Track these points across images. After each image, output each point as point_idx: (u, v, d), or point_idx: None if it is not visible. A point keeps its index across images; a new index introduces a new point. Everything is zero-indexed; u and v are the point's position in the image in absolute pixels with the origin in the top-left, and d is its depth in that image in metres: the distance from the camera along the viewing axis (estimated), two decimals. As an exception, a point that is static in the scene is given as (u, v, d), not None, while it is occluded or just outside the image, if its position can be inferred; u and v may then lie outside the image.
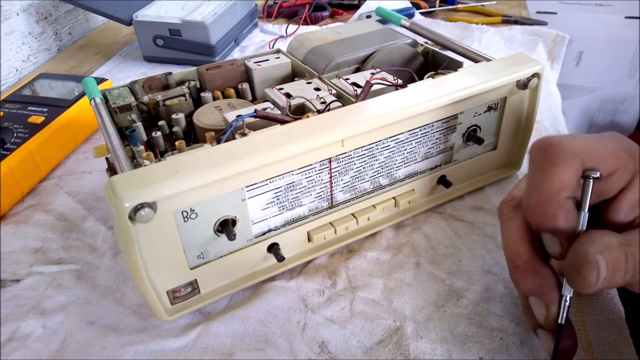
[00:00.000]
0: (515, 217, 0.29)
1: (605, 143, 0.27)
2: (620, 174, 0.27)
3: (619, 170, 0.27)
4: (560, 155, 0.26)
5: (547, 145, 0.27)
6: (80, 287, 0.36)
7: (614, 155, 0.27)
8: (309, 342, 0.31)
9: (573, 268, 0.24)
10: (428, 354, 0.30)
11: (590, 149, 0.26)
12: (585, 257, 0.24)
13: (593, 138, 0.27)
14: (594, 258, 0.24)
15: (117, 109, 0.37)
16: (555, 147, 0.27)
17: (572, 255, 0.25)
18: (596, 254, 0.24)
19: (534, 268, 0.27)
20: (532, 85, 0.37)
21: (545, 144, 0.27)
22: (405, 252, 0.37)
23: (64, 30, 0.78)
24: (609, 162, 0.27)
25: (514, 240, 0.28)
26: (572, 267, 0.24)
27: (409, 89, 0.35)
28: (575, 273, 0.24)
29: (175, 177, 0.27)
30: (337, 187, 0.35)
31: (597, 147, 0.27)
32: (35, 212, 0.43)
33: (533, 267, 0.27)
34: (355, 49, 0.42)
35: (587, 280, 0.24)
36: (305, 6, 0.78)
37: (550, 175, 0.26)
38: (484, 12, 0.80)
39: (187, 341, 0.31)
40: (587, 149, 0.26)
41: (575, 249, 0.25)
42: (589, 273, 0.24)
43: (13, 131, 0.46)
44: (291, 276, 0.36)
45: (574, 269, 0.24)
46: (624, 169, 0.27)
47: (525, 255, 0.28)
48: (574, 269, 0.24)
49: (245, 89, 0.41)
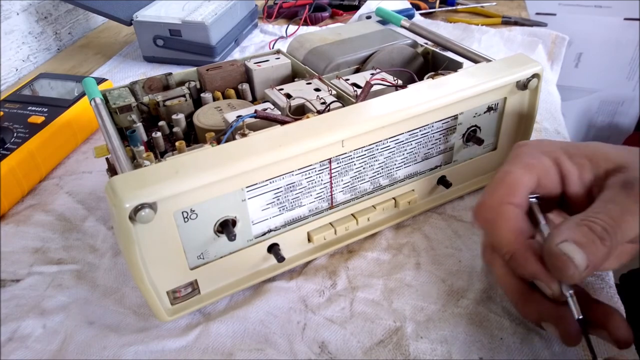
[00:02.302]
0: (495, 255, 0.30)
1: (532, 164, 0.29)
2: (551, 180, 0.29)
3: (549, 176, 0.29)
4: (493, 215, 0.28)
5: (477, 210, 0.29)
6: (80, 287, 0.36)
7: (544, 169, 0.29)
8: (309, 343, 0.31)
9: (551, 267, 0.25)
10: (428, 354, 0.30)
11: (519, 183, 0.28)
12: (550, 251, 0.25)
13: (522, 166, 0.29)
14: (557, 249, 0.24)
15: (117, 109, 0.37)
16: (484, 210, 0.29)
17: (545, 256, 0.25)
18: (559, 245, 0.24)
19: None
20: (532, 85, 0.37)
21: (481, 208, 0.29)
22: (405, 252, 0.37)
23: (64, 30, 0.78)
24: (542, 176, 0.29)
25: (509, 277, 0.29)
26: (550, 267, 0.25)
27: (409, 89, 0.35)
28: (555, 271, 0.25)
29: (176, 178, 0.27)
30: (337, 188, 0.35)
31: (525, 179, 0.29)
32: (35, 212, 0.43)
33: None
34: (355, 50, 0.42)
35: (566, 270, 0.24)
36: (305, 7, 0.78)
37: (500, 231, 0.28)
38: (484, 13, 0.80)
39: (187, 341, 0.31)
40: (516, 184, 0.28)
41: (544, 250, 0.25)
42: (563, 264, 0.24)
43: (13, 131, 0.46)
44: (291, 276, 0.36)
45: (552, 268, 0.25)
46: (547, 175, 0.29)
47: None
48: (552, 268, 0.25)
49: (246, 90, 0.41)
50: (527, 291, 0.28)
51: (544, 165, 0.29)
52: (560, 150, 0.29)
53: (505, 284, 0.29)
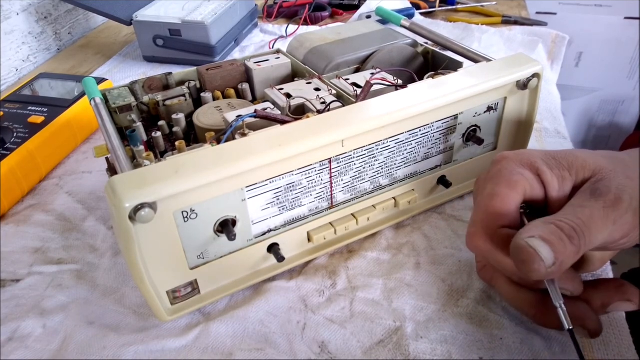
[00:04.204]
0: (497, 274, 0.31)
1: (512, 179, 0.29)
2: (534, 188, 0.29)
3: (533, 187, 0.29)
4: (489, 246, 0.28)
5: (471, 240, 0.29)
6: (80, 287, 0.36)
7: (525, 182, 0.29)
8: (309, 342, 0.31)
9: (517, 261, 0.25)
10: (428, 354, 0.30)
11: (501, 205, 0.28)
12: (516, 245, 0.25)
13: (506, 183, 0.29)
14: (523, 242, 0.24)
15: (117, 109, 0.37)
16: (477, 240, 0.28)
17: (511, 251, 0.25)
18: (526, 239, 0.24)
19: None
20: (532, 85, 0.37)
21: (474, 236, 0.29)
22: (405, 252, 0.37)
23: (64, 30, 0.78)
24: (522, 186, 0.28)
25: (519, 292, 0.30)
26: (516, 261, 0.25)
27: (409, 89, 0.35)
28: (521, 265, 0.25)
29: (176, 178, 0.27)
30: (337, 188, 0.35)
31: (506, 197, 0.28)
32: (35, 212, 0.43)
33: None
34: (355, 50, 0.42)
35: (531, 264, 0.24)
36: (305, 6, 0.78)
37: (500, 258, 0.27)
38: (484, 12, 0.80)
39: (187, 341, 0.31)
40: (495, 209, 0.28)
41: (511, 246, 0.25)
42: (529, 256, 0.24)
43: (13, 131, 0.46)
44: (291, 276, 0.36)
45: (518, 262, 0.25)
46: (532, 188, 0.29)
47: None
48: (518, 262, 0.25)
49: (246, 89, 0.41)
50: (541, 300, 0.28)
51: (528, 179, 0.28)
52: (541, 161, 0.29)
53: (516, 299, 0.30)
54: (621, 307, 0.28)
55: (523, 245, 0.24)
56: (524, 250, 0.24)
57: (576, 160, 0.28)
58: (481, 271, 0.33)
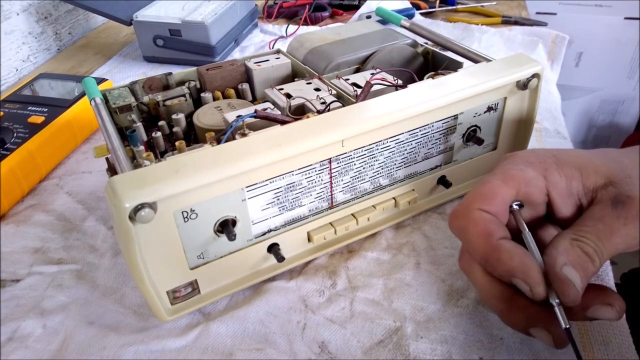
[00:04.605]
0: (473, 263, 0.30)
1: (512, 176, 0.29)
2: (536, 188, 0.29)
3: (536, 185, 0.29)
4: (464, 222, 0.29)
5: (451, 217, 0.30)
6: (80, 287, 0.36)
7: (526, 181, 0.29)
8: (309, 342, 0.31)
9: (556, 290, 0.26)
10: (428, 354, 0.30)
11: (492, 194, 0.29)
12: (555, 276, 0.25)
13: (501, 177, 0.29)
14: (562, 275, 0.25)
15: (117, 109, 0.37)
16: (455, 217, 0.29)
17: (550, 278, 0.26)
18: (563, 269, 0.25)
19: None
20: (532, 85, 0.37)
21: (453, 215, 0.29)
22: (405, 252, 0.37)
23: (64, 30, 0.78)
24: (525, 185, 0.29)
25: (490, 283, 0.29)
26: (555, 289, 0.26)
27: (409, 89, 0.35)
28: (560, 294, 0.26)
29: (176, 178, 0.27)
30: (337, 188, 0.35)
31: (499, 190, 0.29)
32: (35, 212, 0.43)
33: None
34: (355, 50, 0.42)
35: (569, 295, 0.25)
36: (305, 6, 0.78)
37: (469, 236, 0.28)
38: (484, 12, 0.80)
39: (187, 341, 0.31)
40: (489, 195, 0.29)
41: (548, 273, 0.26)
42: (567, 288, 0.25)
43: (13, 131, 0.46)
44: (291, 276, 0.36)
45: (557, 291, 0.26)
46: (529, 185, 0.29)
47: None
48: (557, 291, 0.26)
49: (246, 90, 0.41)
50: (511, 296, 0.28)
51: (526, 176, 0.29)
52: (552, 158, 0.29)
53: (486, 291, 0.29)
54: (600, 311, 0.27)
55: (562, 277, 0.25)
56: (563, 282, 0.25)
57: (589, 163, 0.29)
58: (460, 260, 0.32)
